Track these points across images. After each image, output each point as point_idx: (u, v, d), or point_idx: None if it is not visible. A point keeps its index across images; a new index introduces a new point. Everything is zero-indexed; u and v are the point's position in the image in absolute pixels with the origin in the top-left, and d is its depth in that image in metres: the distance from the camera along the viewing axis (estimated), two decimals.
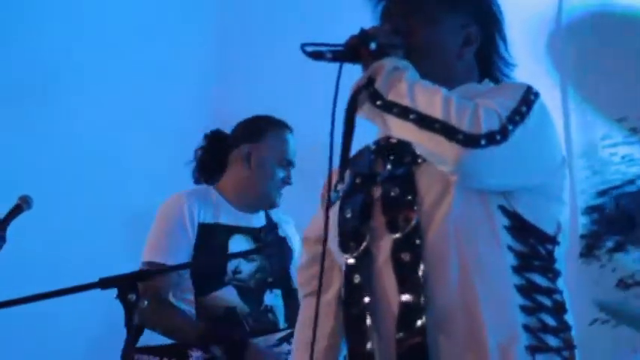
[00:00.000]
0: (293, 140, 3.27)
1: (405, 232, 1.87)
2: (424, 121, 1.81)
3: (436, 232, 1.86)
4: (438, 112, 1.80)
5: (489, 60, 2.10)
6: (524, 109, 1.85)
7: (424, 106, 1.82)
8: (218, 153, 3.28)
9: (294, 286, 3.11)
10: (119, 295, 2.20)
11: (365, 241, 1.93)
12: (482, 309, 1.81)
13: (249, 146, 3.22)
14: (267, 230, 3.24)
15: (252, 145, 3.22)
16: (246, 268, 3.13)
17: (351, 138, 1.93)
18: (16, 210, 2.86)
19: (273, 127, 3.26)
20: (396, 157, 1.96)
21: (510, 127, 1.80)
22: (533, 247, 1.88)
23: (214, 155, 3.28)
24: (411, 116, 1.82)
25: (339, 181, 2.00)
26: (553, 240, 1.92)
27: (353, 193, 2.00)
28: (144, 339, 2.96)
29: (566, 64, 4.10)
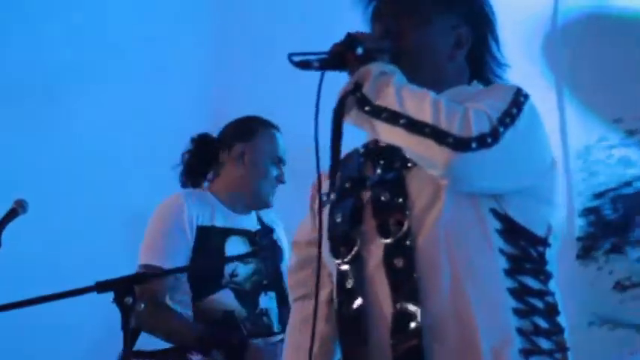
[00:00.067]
0: (282, 139, 3.27)
1: (397, 237, 1.86)
2: (414, 126, 1.79)
3: (427, 237, 1.84)
4: (427, 116, 1.78)
5: (481, 61, 2.08)
6: (514, 110, 1.83)
7: (413, 111, 1.80)
8: (206, 156, 3.27)
9: (287, 289, 3.10)
10: (116, 299, 2.21)
11: (356, 246, 1.91)
12: (474, 313, 1.80)
13: (242, 145, 3.21)
14: (262, 233, 3.24)
15: (245, 144, 3.21)
16: (243, 270, 3.13)
17: (340, 143, 1.91)
18: (11, 214, 2.85)
19: (263, 126, 3.26)
20: (386, 160, 1.95)
21: (501, 130, 1.79)
22: (524, 250, 1.87)
23: (202, 159, 3.27)
24: (401, 121, 1.80)
25: (331, 188, 1.97)
26: (544, 242, 1.91)
27: (343, 197, 1.98)
28: (144, 343, 2.97)
29: (562, 65, 4.10)
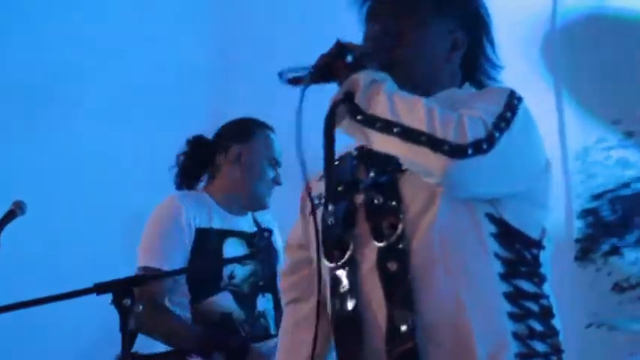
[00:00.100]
0: (277, 140, 3.26)
1: (391, 240, 1.84)
2: (409, 134, 1.76)
3: (421, 241, 1.83)
4: (422, 124, 1.76)
5: (475, 64, 2.07)
6: (509, 114, 1.82)
7: (407, 119, 1.78)
8: (201, 158, 3.26)
9: None
10: (114, 300, 2.20)
11: (349, 250, 1.90)
12: (470, 318, 1.79)
13: (238, 147, 3.20)
14: (260, 235, 3.23)
15: (242, 146, 3.20)
16: (240, 272, 3.12)
17: (333, 152, 1.89)
18: (9, 216, 2.84)
19: (259, 128, 3.25)
20: (380, 164, 1.93)
21: (497, 135, 1.77)
22: (519, 253, 1.86)
23: (197, 161, 3.26)
24: (395, 130, 1.77)
25: (328, 197, 1.95)
26: (538, 244, 1.90)
27: (336, 200, 1.95)
28: (142, 346, 2.97)
29: (561, 67, 4.10)
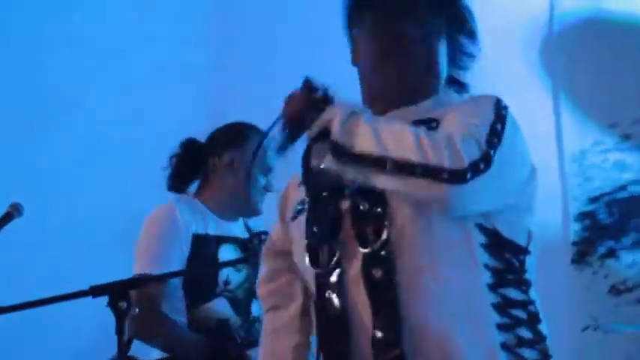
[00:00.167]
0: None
1: (375, 247, 1.82)
2: (402, 169, 1.72)
3: (408, 249, 1.81)
4: (413, 154, 1.72)
5: (453, 59, 2.03)
6: (499, 126, 1.80)
7: (396, 151, 1.73)
8: (193, 162, 3.24)
9: None
10: (110, 303, 2.20)
11: (335, 256, 1.86)
12: (458, 330, 1.77)
13: (231, 153, 3.19)
14: (257, 238, 3.22)
15: (235, 152, 3.18)
16: (235, 278, 3.11)
17: (315, 189, 1.88)
18: (7, 218, 2.84)
19: (252, 133, 3.22)
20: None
21: (492, 153, 1.75)
22: (507, 262, 1.85)
23: (189, 164, 3.25)
24: (388, 167, 1.72)
25: (312, 201, 1.93)
26: (525, 250, 1.89)
27: (320, 206, 1.92)
28: (139, 352, 2.96)
29: (558, 70, 4.11)
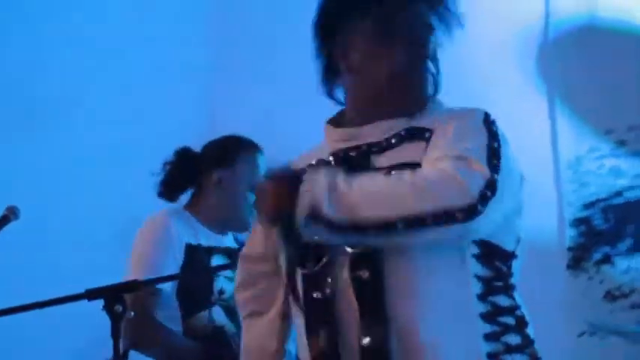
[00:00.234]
0: (264, 162, 3.18)
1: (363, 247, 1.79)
2: (414, 224, 1.68)
3: (397, 257, 1.79)
4: (419, 205, 1.68)
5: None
6: (495, 145, 1.79)
7: (400, 209, 1.68)
8: (185, 172, 3.23)
9: None
10: (105, 306, 2.20)
11: (324, 257, 1.83)
12: (444, 340, 1.76)
13: (219, 172, 3.17)
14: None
15: (224, 172, 3.16)
16: (230, 287, 3.09)
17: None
18: (3, 221, 2.84)
19: (243, 151, 3.18)
20: (356, 169, 1.84)
21: (495, 177, 1.74)
22: (497, 269, 1.83)
23: (182, 173, 3.23)
24: (399, 226, 1.68)
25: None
26: (513, 255, 1.88)
27: None
28: (136, 357, 2.97)
29: (554, 76, 4.11)
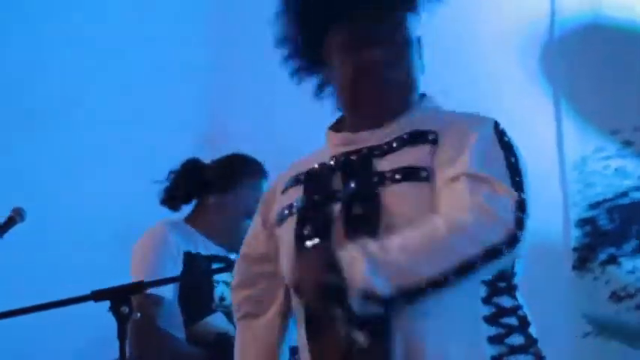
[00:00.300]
0: (266, 185, 3.11)
1: None
2: (464, 271, 1.67)
3: None
4: (464, 255, 1.68)
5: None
6: (513, 160, 1.79)
7: (449, 261, 1.67)
8: (190, 184, 3.22)
9: None
10: (112, 308, 2.20)
11: None
12: (449, 347, 1.76)
13: (220, 196, 3.16)
14: None
15: (225, 196, 3.15)
16: (230, 293, 3.11)
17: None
18: (9, 222, 2.84)
19: (246, 177, 3.18)
20: (360, 175, 1.85)
21: (522, 195, 1.73)
22: (501, 270, 1.81)
23: (186, 185, 3.22)
24: (450, 278, 1.67)
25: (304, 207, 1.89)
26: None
27: (311, 210, 1.88)
28: None
29: (559, 76, 4.11)
